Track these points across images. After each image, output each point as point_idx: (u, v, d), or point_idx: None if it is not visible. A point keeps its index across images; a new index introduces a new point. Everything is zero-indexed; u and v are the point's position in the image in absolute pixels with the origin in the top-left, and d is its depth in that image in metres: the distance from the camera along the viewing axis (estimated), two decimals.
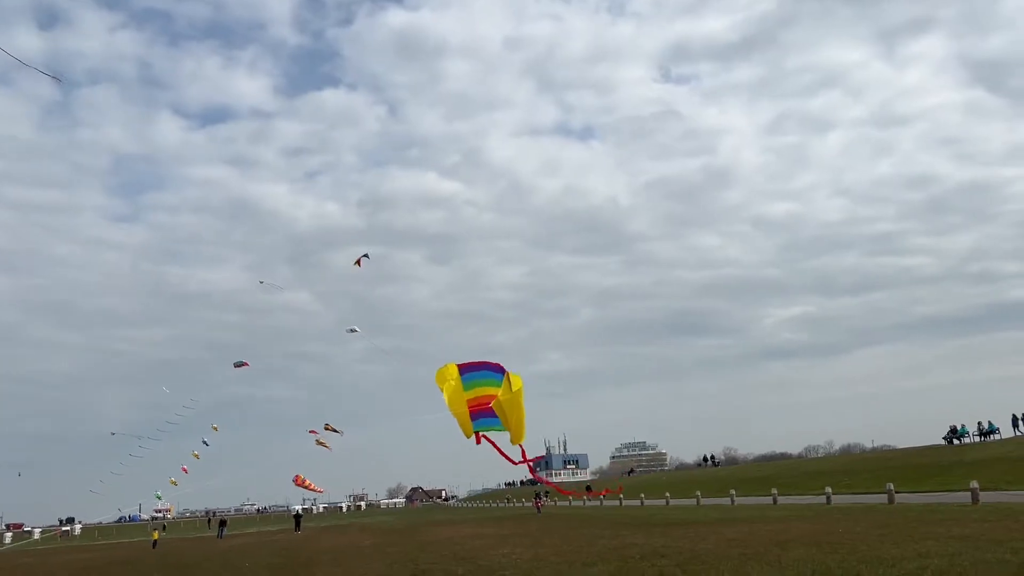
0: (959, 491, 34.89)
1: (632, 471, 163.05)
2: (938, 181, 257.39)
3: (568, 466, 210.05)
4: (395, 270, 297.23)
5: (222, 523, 62.17)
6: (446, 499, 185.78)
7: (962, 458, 47.63)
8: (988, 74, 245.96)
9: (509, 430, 9.57)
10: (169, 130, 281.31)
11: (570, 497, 72.09)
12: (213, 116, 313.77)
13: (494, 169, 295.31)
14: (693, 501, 50.70)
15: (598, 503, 67.91)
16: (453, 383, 9.26)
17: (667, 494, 56.46)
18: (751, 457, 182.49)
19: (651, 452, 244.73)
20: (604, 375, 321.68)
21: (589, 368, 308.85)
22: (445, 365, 9.59)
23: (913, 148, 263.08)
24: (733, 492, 47.38)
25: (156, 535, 47.23)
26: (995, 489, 32.28)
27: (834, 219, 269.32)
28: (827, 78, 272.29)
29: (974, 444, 55.48)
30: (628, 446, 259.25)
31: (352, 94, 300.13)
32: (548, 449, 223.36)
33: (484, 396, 9.26)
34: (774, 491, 43.35)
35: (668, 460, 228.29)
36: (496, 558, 21.63)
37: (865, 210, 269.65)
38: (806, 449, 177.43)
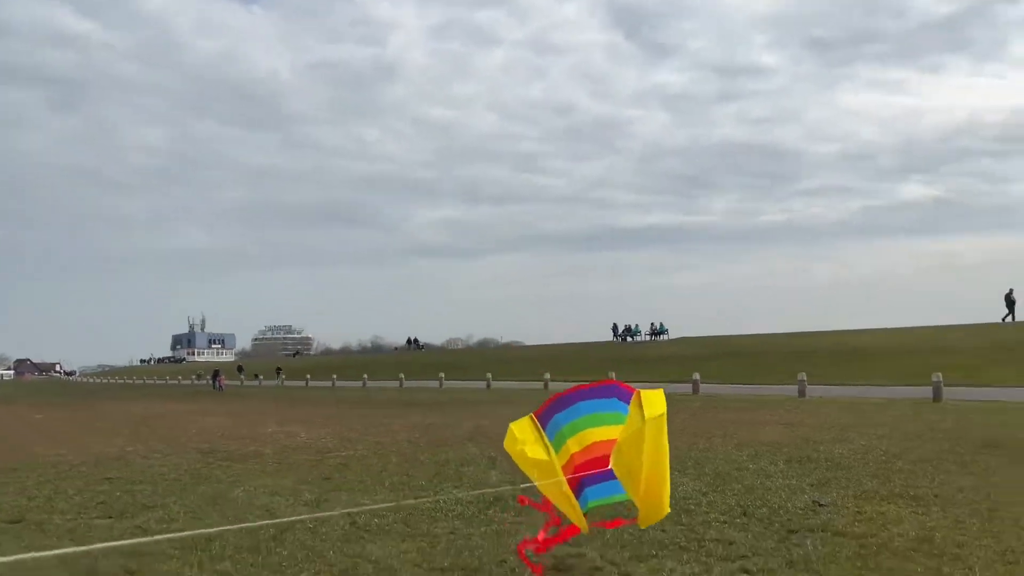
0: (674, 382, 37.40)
1: (298, 352, 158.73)
2: (578, 111, 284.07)
3: (213, 345, 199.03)
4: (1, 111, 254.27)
5: None
6: (68, 373, 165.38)
7: (645, 354, 51.84)
8: (628, 20, 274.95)
9: (635, 497, 5.19)
10: None
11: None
12: None
13: (142, 16, 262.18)
14: (395, 383, 49.34)
15: (276, 383, 64.13)
16: (540, 450, 5.29)
17: (365, 375, 54.43)
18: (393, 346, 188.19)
19: (297, 336, 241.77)
20: (249, 257, 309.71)
21: (233, 248, 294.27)
22: (510, 429, 5.62)
23: (562, 77, 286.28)
24: (441, 375, 46.70)
25: None
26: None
27: (487, 131, 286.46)
28: None
29: (646, 342, 60.98)
30: (273, 329, 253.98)
31: None
32: (191, 327, 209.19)
33: (597, 443, 5.47)
34: (489, 376, 43.38)
35: (315, 345, 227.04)
36: (280, 437, 17.78)
37: (514, 127, 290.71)
38: (448, 340, 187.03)
